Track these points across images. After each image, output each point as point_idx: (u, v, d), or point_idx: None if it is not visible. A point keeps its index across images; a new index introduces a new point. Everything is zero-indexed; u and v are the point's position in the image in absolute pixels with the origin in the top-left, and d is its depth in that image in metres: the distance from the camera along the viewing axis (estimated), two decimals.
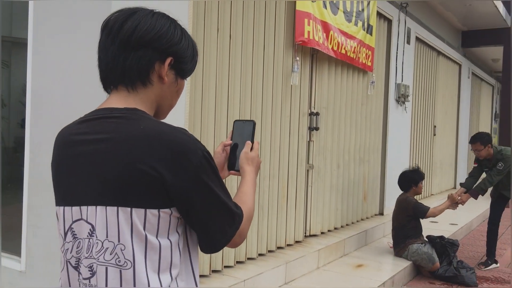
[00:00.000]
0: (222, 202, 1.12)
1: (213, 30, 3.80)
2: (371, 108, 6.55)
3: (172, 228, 1.09)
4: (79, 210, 1.10)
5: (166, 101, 1.21)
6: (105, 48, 1.14)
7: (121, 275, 1.04)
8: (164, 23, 1.15)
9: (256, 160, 1.38)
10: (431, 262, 4.96)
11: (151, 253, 1.06)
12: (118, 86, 1.16)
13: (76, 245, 1.11)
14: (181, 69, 1.20)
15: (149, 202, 1.05)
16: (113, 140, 1.07)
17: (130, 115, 1.09)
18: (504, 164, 5.28)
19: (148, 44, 1.12)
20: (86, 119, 1.15)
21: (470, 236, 7.38)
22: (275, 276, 4.09)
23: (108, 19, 1.16)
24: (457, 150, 11.01)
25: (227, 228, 1.14)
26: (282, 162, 4.71)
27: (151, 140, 1.05)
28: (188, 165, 1.05)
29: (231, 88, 4.01)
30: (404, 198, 5.35)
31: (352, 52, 5.54)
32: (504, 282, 5.05)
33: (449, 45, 9.91)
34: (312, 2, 4.70)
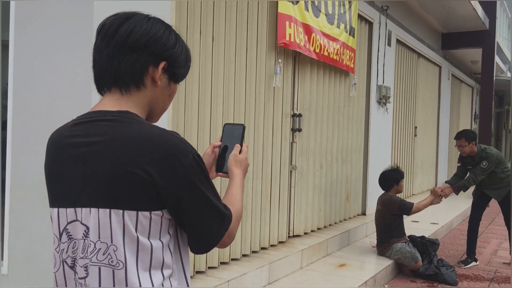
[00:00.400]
0: (212, 204, 1.15)
1: (196, 32, 3.82)
2: (353, 109, 6.64)
3: (164, 230, 1.12)
4: (74, 211, 1.12)
5: (158, 104, 1.23)
6: (100, 51, 1.16)
7: (113, 275, 1.07)
8: (159, 28, 1.18)
9: (245, 163, 1.41)
10: (414, 260, 5.05)
11: (143, 254, 1.09)
12: (112, 88, 1.17)
13: (71, 245, 1.13)
14: (174, 74, 1.23)
15: (141, 205, 1.07)
16: (106, 143, 1.09)
17: (122, 118, 1.11)
18: (488, 163, 5.39)
19: (143, 48, 1.15)
20: (79, 122, 1.17)
21: (451, 235, 7.51)
22: (258, 277, 4.13)
23: (103, 22, 1.18)
24: (437, 150, 11.18)
25: (216, 229, 1.17)
26: (265, 163, 4.75)
27: (143, 143, 1.07)
28: (179, 168, 1.08)
29: (214, 90, 4.04)
30: (389, 197, 5.43)
31: (335, 54, 5.61)
32: (483, 280, 5.15)
33: (429, 47, 10.07)
34: (293, 5, 4.75)
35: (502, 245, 6.82)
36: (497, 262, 5.91)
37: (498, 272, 5.45)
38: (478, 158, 5.49)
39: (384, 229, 5.34)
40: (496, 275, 5.34)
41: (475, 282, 5.07)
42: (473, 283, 5.03)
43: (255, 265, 4.20)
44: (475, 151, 5.51)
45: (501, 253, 6.36)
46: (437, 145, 11.16)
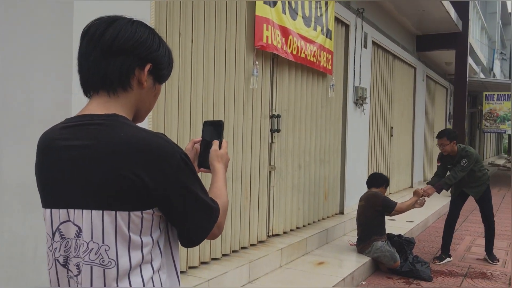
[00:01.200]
0: (200, 200, 1.20)
1: (175, 34, 3.86)
2: (331, 110, 6.75)
3: (155, 226, 1.17)
4: (66, 212, 1.16)
5: (144, 105, 1.28)
6: (86, 54, 1.20)
7: (104, 274, 1.12)
8: (143, 31, 1.22)
9: (225, 157, 1.46)
10: (393, 260, 5.16)
11: (134, 251, 1.14)
12: (99, 91, 1.21)
13: (64, 245, 1.17)
14: (159, 75, 1.28)
15: (133, 205, 1.12)
16: (96, 147, 1.13)
17: (111, 122, 1.16)
18: (468, 161, 5.55)
19: (129, 51, 1.19)
20: (69, 125, 1.20)
21: (426, 232, 7.69)
22: (239, 275, 4.18)
23: (88, 26, 1.22)
24: (413, 150, 11.40)
25: (206, 223, 1.23)
26: (245, 163, 4.81)
27: (132, 146, 1.11)
28: (167, 168, 1.13)
29: (194, 91, 4.09)
30: (374, 193, 5.53)
31: (312, 56, 5.71)
32: (457, 275, 5.30)
33: (404, 49, 10.28)
34: (270, 8, 4.83)
35: (476, 241, 7.01)
36: (470, 258, 6.08)
37: (471, 268, 5.61)
38: (458, 157, 5.65)
39: (365, 226, 5.41)
40: (469, 271, 5.50)
41: (449, 278, 5.21)
42: (447, 279, 5.18)
43: (235, 264, 4.26)
44: (456, 150, 5.67)
45: (475, 249, 6.54)
46: (412, 145, 11.38)
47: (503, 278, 5.23)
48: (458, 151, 5.66)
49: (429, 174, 13.23)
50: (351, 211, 7.26)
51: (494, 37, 25.28)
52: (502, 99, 15.39)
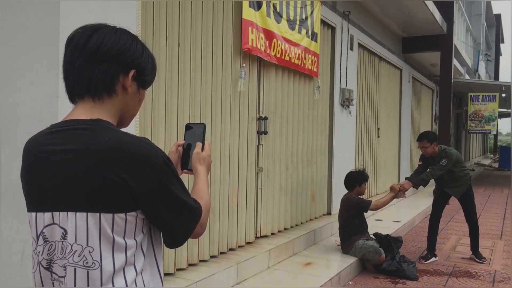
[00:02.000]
0: (182, 202, 1.25)
1: (162, 38, 3.89)
2: (317, 112, 6.81)
3: (138, 229, 1.21)
4: (51, 215, 1.19)
5: (129, 110, 1.32)
6: (71, 62, 1.23)
7: (88, 275, 1.15)
8: (127, 39, 1.26)
9: (207, 159, 1.50)
10: (377, 254, 5.23)
11: (118, 253, 1.17)
12: (84, 97, 1.25)
13: (47, 248, 1.20)
14: (143, 80, 1.32)
15: (117, 207, 1.15)
16: (80, 151, 1.16)
17: (95, 127, 1.19)
18: (447, 161, 5.66)
19: (113, 58, 1.23)
20: (55, 130, 1.23)
21: (412, 232, 7.78)
22: (226, 277, 4.21)
23: (73, 34, 1.25)
24: (399, 150, 11.51)
25: (189, 223, 1.27)
26: (232, 165, 4.84)
27: (115, 150, 1.15)
28: (150, 171, 1.16)
29: (181, 94, 4.11)
30: (347, 197, 5.63)
31: (296, 59, 5.76)
32: (442, 274, 5.38)
33: (390, 51, 10.38)
34: (255, 11, 4.87)
35: (461, 241, 7.11)
36: (456, 257, 6.17)
37: (456, 267, 5.70)
38: (439, 157, 5.75)
39: (344, 228, 5.52)
40: (454, 270, 5.58)
41: (434, 277, 5.29)
42: (432, 278, 5.25)
43: (223, 265, 4.29)
44: (437, 151, 5.77)
45: (460, 248, 6.64)
46: (399, 146, 11.49)
47: (487, 277, 5.32)
48: (439, 152, 5.77)
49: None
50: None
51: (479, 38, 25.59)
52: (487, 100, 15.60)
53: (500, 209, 10.56)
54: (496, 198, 12.17)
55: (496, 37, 34.83)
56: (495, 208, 10.70)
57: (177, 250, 3.99)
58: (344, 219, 5.55)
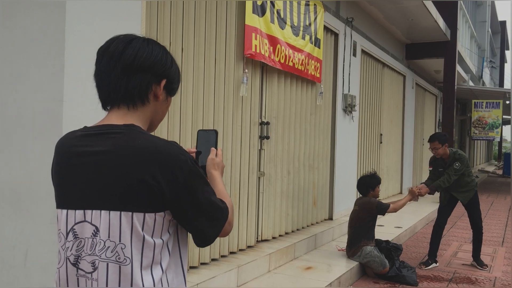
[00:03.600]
0: (211, 201, 1.32)
1: (166, 43, 3.95)
2: (320, 117, 6.85)
3: (165, 229, 1.28)
4: (82, 213, 1.26)
5: (158, 116, 1.42)
6: (108, 72, 1.31)
7: (120, 270, 1.22)
8: (158, 51, 1.36)
9: (221, 164, 1.57)
10: (382, 266, 5.25)
11: (147, 251, 1.25)
12: (120, 104, 1.33)
13: (76, 244, 1.27)
14: (171, 89, 1.42)
15: (148, 207, 1.23)
16: (115, 153, 1.24)
17: (129, 131, 1.27)
18: (461, 163, 5.67)
19: (148, 69, 1.32)
20: (90, 133, 1.31)
21: (414, 238, 7.79)
22: (227, 280, 4.25)
23: (107, 45, 1.34)
24: (402, 156, 11.53)
25: (217, 222, 1.34)
26: (234, 170, 4.89)
27: (148, 153, 1.23)
28: (180, 173, 1.24)
29: (184, 99, 4.17)
30: (368, 199, 5.61)
31: (300, 65, 5.81)
32: (443, 280, 5.40)
33: (393, 57, 10.43)
34: (259, 18, 4.93)
35: (462, 247, 7.12)
36: (456, 263, 6.18)
37: (457, 273, 5.71)
38: (451, 159, 5.76)
39: (357, 230, 5.47)
40: (455, 276, 5.60)
41: (434, 283, 5.31)
42: (432, 284, 5.27)
43: (223, 268, 4.33)
44: (448, 153, 5.78)
45: (461, 255, 6.65)
46: (402, 152, 11.51)
47: (487, 284, 5.33)
48: (450, 154, 5.77)
49: (419, 180, 13.37)
50: (340, 217, 7.35)
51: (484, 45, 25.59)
52: (491, 107, 15.60)
53: (502, 216, 10.55)
54: (499, 205, 12.16)
55: (501, 44, 34.81)
56: (497, 215, 10.69)
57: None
58: (360, 220, 5.50)
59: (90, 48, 2.68)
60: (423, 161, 13.94)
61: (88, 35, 3.02)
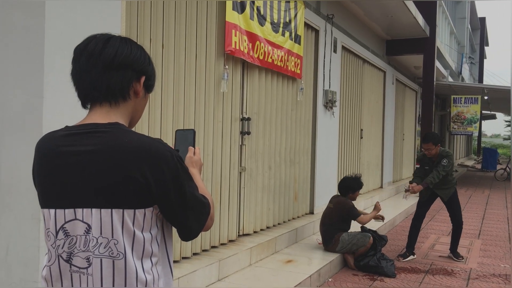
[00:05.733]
0: (195, 197, 1.38)
1: (146, 40, 3.98)
2: (301, 113, 6.93)
3: (154, 223, 1.33)
4: (73, 212, 1.30)
5: (138, 113, 1.46)
6: (87, 70, 1.35)
7: (113, 265, 1.28)
8: (136, 48, 1.40)
9: (199, 163, 1.62)
10: (366, 237, 5.42)
11: (137, 245, 1.30)
12: (102, 102, 1.37)
13: (68, 242, 1.31)
14: (149, 85, 1.46)
15: (137, 203, 1.28)
16: (102, 152, 1.28)
17: (114, 130, 1.32)
18: (448, 160, 5.82)
19: (128, 66, 1.36)
20: (73, 132, 1.34)
21: (393, 231, 7.94)
22: (208, 273, 4.31)
23: (85, 43, 1.37)
24: (383, 151, 11.70)
25: (201, 217, 1.41)
26: (215, 165, 4.94)
27: (137, 151, 1.27)
28: (167, 170, 1.29)
29: (164, 95, 4.20)
30: (344, 200, 5.74)
31: (279, 61, 5.88)
32: (420, 272, 5.54)
33: (374, 54, 10.56)
34: (238, 14, 4.98)
35: (440, 240, 7.29)
36: (433, 255, 6.34)
37: (434, 265, 5.86)
38: (439, 158, 5.90)
39: (328, 226, 5.64)
40: (431, 267, 5.75)
41: (412, 274, 5.44)
42: (410, 275, 5.41)
43: (205, 262, 4.38)
44: (437, 153, 5.92)
45: (438, 247, 6.81)
46: (382, 147, 11.67)
47: (463, 274, 5.49)
48: (439, 153, 5.92)
49: (399, 175, 13.58)
50: (321, 211, 7.41)
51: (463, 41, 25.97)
52: (469, 102, 15.89)
53: (480, 209, 10.80)
54: (477, 199, 12.42)
55: (480, 40, 35.34)
56: (475, 208, 10.93)
57: None
58: (333, 219, 5.65)
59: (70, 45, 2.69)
60: (404, 156, 14.15)
61: (68, 32, 3.04)
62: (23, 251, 2.97)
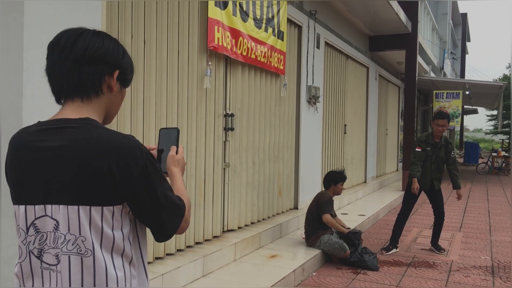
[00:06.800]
0: (167, 197, 1.34)
1: (127, 36, 3.96)
2: (284, 108, 6.96)
3: (125, 222, 1.31)
4: (43, 208, 1.29)
5: (113, 108, 1.43)
6: (59, 64, 1.33)
7: (82, 262, 1.25)
8: (109, 42, 1.37)
9: (182, 162, 1.59)
10: (343, 250, 5.41)
11: (106, 243, 1.27)
12: (74, 97, 1.34)
13: (39, 238, 1.30)
14: (125, 80, 1.43)
15: (105, 200, 1.25)
16: (71, 147, 1.26)
17: (84, 125, 1.29)
18: (453, 150, 5.98)
19: (99, 60, 1.33)
20: (44, 128, 1.32)
21: (377, 225, 8.03)
22: (192, 269, 4.32)
23: (57, 38, 1.35)
24: (366, 146, 11.79)
25: (175, 218, 1.37)
26: (199, 161, 4.94)
27: (104, 147, 1.25)
28: (135, 167, 1.26)
29: (146, 92, 4.19)
30: (322, 193, 5.80)
31: (263, 57, 5.89)
32: (402, 265, 5.61)
33: (357, 49, 10.63)
34: (221, 10, 4.98)
35: (422, 233, 7.39)
36: (416, 248, 6.42)
37: (416, 258, 5.95)
38: (443, 141, 5.99)
39: (312, 221, 5.68)
40: (414, 260, 5.83)
41: (394, 267, 5.52)
42: (392, 268, 5.48)
43: (189, 258, 4.39)
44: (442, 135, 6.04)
45: (420, 240, 6.90)
46: (366, 141, 11.77)
47: (444, 267, 5.58)
48: (442, 136, 6.02)
49: (383, 170, 13.71)
50: (305, 206, 7.47)
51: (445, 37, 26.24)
52: (451, 97, 16.06)
53: (461, 202, 10.95)
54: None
55: (462, 35, 35.72)
56: (457, 201, 11.06)
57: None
58: (313, 213, 5.71)
59: None
60: (387, 151, 14.28)
61: (48, 28, 3.01)
62: (4, 249, 2.95)
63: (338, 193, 5.94)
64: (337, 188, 5.87)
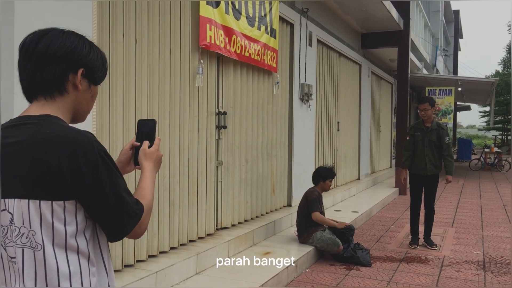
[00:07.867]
0: (119, 196, 1.31)
1: (119, 34, 3.96)
2: (277, 106, 6.98)
3: (79, 217, 1.30)
4: (4, 202, 1.31)
5: (82, 106, 1.43)
6: (24, 65, 1.35)
7: (34, 255, 1.27)
8: (73, 40, 1.37)
9: (155, 155, 1.56)
10: (336, 246, 5.45)
11: (58, 239, 1.27)
12: (38, 96, 1.36)
13: (2, 231, 1.32)
14: (93, 77, 1.42)
15: (55, 195, 1.25)
16: (25, 143, 1.28)
17: (42, 122, 1.31)
18: (448, 136, 6.01)
19: (61, 59, 1.34)
20: (10, 125, 1.35)
21: (370, 222, 8.07)
22: (186, 267, 4.33)
23: (24, 40, 1.37)
24: (359, 143, 11.83)
25: (127, 220, 1.33)
26: (192, 159, 4.96)
27: (54, 142, 1.26)
28: (85, 163, 1.26)
29: (138, 90, 4.19)
30: (311, 190, 5.84)
31: (256, 55, 5.91)
32: (395, 260, 5.65)
33: (349, 47, 10.66)
34: (213, 8, 4.99)
35: None
36: (408, 244, 6.46)
37: (408, 253, 5.99)
38: (434, 125, 6.04)
39: (303, 218, 5.72)
40: (406, 256, 5.87)
41: (387, 263, 5.56)
42: (385, 264, 5.52)
43: (182, 256, 4.40)
44: (432, 118, 6.06)
45: None
46: (359, 139, 11.81)
47: (436, 262, 5.62)
48: (434, 120, 6.06)
49: (376, 167, 13.76)
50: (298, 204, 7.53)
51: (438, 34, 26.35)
52: (444, 94, 16.14)
53: (454, 198, 11.03)
54: (452, 188, 12.68)
55: (454, 32, 35.88)
56: (449, 197, 11.16)
57: (136, 242, 4.09)
58: (303, 210, 5.75)
59: None
60: (380, 148, 14.34)
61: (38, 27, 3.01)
62: None
63: (327, 189, 5.98)
64: (325, 184, 5.90)
